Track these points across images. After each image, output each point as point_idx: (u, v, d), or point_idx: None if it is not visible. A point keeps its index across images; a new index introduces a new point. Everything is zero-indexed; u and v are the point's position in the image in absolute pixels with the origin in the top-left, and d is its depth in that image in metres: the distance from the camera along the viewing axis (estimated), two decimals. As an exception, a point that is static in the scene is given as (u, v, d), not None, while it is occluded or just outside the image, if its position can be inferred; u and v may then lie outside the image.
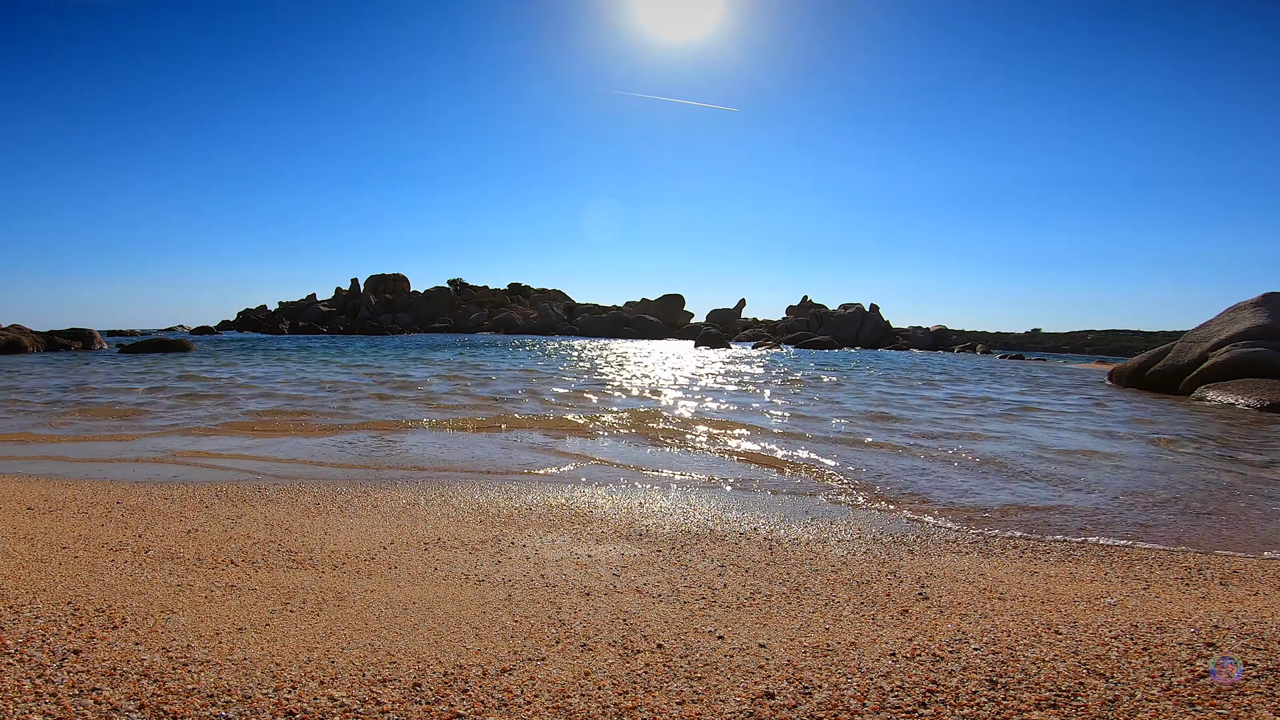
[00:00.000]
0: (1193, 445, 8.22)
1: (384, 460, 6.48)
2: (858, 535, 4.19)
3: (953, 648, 2.26)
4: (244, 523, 4.11)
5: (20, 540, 3.53)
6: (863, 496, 5.33)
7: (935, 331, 57.50)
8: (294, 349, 31.25)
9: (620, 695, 1.96)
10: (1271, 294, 15.33)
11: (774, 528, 4.27)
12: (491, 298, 78.80)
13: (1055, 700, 1.87)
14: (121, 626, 2.36)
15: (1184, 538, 4.34)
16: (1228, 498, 5.54)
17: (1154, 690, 1.91)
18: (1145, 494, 5.61)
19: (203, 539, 3.71)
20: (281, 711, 1.82)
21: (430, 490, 5.16)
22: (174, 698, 1.87)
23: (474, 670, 2.11)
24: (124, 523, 4.02)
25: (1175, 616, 2.59)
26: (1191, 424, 10.17)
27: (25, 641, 2.18)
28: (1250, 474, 6.50)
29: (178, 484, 5.25)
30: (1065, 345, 59.83)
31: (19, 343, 23.78)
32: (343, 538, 3.83)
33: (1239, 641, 2.23)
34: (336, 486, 5.26)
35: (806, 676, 2.07)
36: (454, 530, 4.05)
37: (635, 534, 4.04)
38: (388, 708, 1.86)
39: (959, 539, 4.19)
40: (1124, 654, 2.16)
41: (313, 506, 4.60)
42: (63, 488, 5.00)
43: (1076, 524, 4.63)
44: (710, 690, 1.99)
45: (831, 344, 50.93)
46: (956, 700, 1.89)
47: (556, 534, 4.02)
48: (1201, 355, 15.15)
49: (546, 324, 67.76)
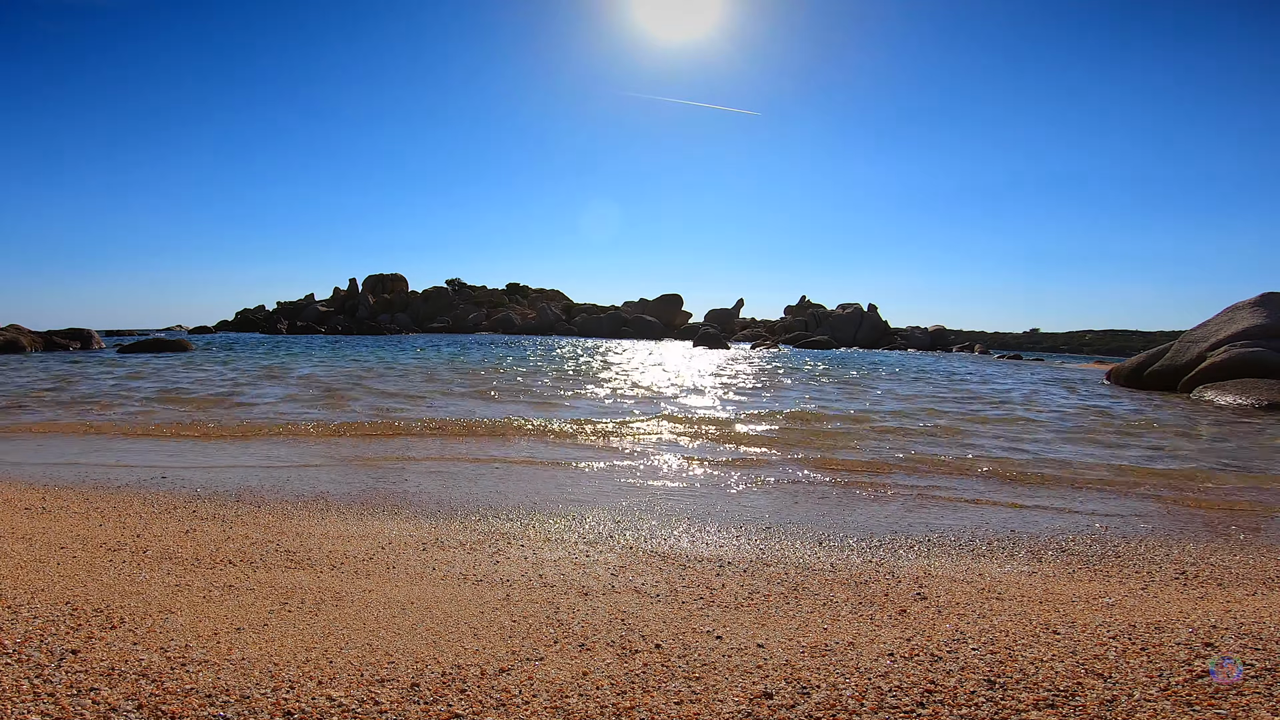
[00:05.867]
0: (1190, 445, 8.23)
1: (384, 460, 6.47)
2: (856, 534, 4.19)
3: (951, 648, 2.26)
4: (242, 523, 4.11)
5: (18, 540, 3.52)
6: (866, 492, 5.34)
7: (933, 331, 57.51)
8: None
9: (618, 695, 1.96)
10: (1270, 294, 15.35)
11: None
12: (490, 298, 78.73)
13: (1053, 700, 1.88)
14: (120, 626, 2.36)
15: (1183, 537, 4.34)
16: (1226, 497, 5.55)
17: (1152, 690, 1.92)
18: (1142, 493, 5.62)
19: (201, 539, 3.71)
20: (280, 711, 1.82)
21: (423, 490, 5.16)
22: (172, 698, 1.87)
23: (472, 670, 2.11)
24: (122, 522, 4.02)
25: (1173, 616, 2.59)
26: (1189, 423, 10.18)
27: (23, 641, 2.18)
28: (1248, 474, 6.51)
29: (175, 484, 5.24)
30: (1064, 345, 59.91)
31: (17, 342, 23.74)
32: (341, 538, 3.83)
33: (1237, 641, 2.23)
34: (336, 486, 5.26)
35: (804, 676, 2.07)
36: (452, 530, 4.05)
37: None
38: (386, 708, 1.86)
39: (957, 538, 4.19)
40: (1122, 654, 2.16)
41: (311, 506, 4.59)
42: (61, 487, 4.99)
43: (1074, 523, 4.63)
44: (708, 690, 1.99)
45: (829, 344, 50.97)
46: (955, 700, 1.89)
47: (555, 537, 4.02)
48: (1200, 355, 15.17)
49: (545, 324, 67.74)
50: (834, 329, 57.42)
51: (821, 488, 5.61)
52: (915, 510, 4.93)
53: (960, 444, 8.00)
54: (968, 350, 48.91)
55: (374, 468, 6.12)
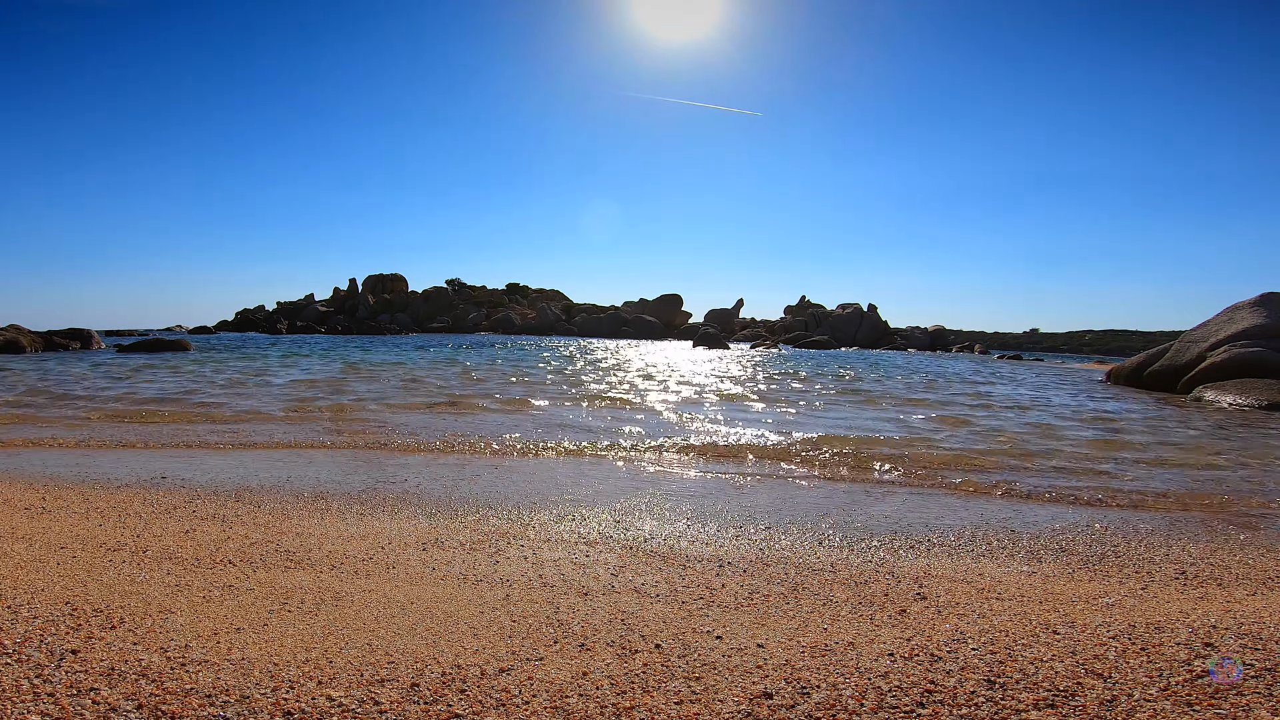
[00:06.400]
0: (1189, 444, 8.23)
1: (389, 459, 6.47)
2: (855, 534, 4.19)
3: (951, 648, 2.26)
4: (241, 523, 4.11)
5: (18, 540, 3.52)
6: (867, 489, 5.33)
7: (933, 331, 57.54)
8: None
9: (618, 695, 1.96)
10: (1269, 294, 15.35)
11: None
12: (489, 298, 78.73)
13: (1053, 700, 1.88)
14: (119, 626, 2.36)
15: (1182, 537, 4.34)
16: (1225, 497, 5.55)
17: (1152, 690, 1.92)
18: (1140, 493, 5.62)
19: (200, 539, 3.71)
20: (280, 711, 1.82)
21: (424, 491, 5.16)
22: (172, 698, 1.87)
23: (472, 670, 2.11)
24: (122, 523, 4.02)
25: (1173, 616, 2.59)
26: (1188, 423, 10.19)
27: (23, 641, 2.18)
28: (1247, 474, 6.51)
29: (174, 484, 5.24)
30: (1063, 345, 59.91)
31: (17, 343, 23.73)
32: (341, 538, 3.83)
33: (1237, 641, 2.23)
34: (336, 486, 5.26)
35: (804, 676, 2.07)
36: (452, 529, 4.05)
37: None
38: (386, 708, 1.86)
39: (957, 538, 4.19)
40: (1122, 654, 2.16)
41: (311, 506, 4.59)
42: (61, 487, 4.99)
43: (1073, 523, 4.63)
44: (708, 690, 1.99)
45: (829, 344, 50.99)
46: (954, 700, 1.89)
47: (554, 537, 4.02)
48: (1199, 355, 15.18)
49: (544, 324, 67.75)
50: (834, 329, 57.44)
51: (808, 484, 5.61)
52: (915, 510, 4.93)
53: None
54: (967, 350, 48.92)
55: (374, 468, 6.12)
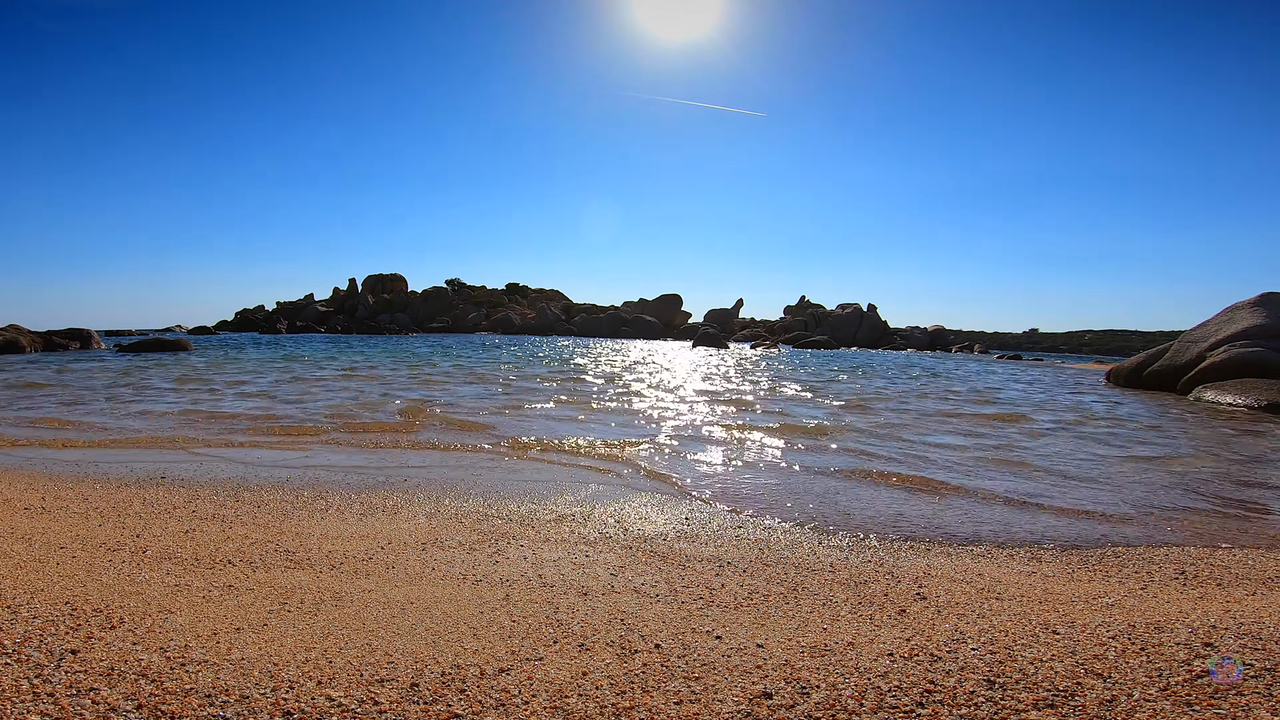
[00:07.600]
0: (1188, 444, 8.23)
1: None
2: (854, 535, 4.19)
3: (950, 648, 2.26)
4: (241, 523, 4.10)
5: (18, 540, 3.52)
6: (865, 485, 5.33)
7: (933, 331, 57.56)
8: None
9: (618, 695, 1.96)
10: (1269, 294, 15.36)
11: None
12: (489, 298, 78.73)
13: (1053, 700, 1.88)
14: (119, 626, 2.36)
15: (1181, 537, 4.34)
16: (1225, 497, 5.55)
17: (1152, 690, 1.92)
18: (1140, 493, 5.62)
19: (200, 539, 3.71)
20: (279, 711, 1.82)
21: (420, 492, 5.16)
22: (172, 698, 1.87)
23: (471, 670, 2.11)
24: (122, 523, 4.02)
25: (1173, 616, 2.59)
26: (1188, 423, 10.19)
27: (23, 641, 2.17)
28: (1247, 474, 6.51)
29: (174, 483, 5.24)
30: (1063, 345, 59.95)
31: (16, 343, 23.73)
32: (340, 537, 3.83)
33: (1237, 642, 2.23)
34: (336, 486, 5.25)
35: (804, 676, 2.07)
36: (452, 529, 4.05)
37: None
38: (385, 708, 1.86)
39: (956, 538, 4.19)
40: (1122, 654, 2.16)
41: (310, 506, 4.59)
42: (61, 487, 4.99)
43: (1072, 523, 4.63)
44: (708, 690, 1.99)
45: (829, 344, 51.00)
46: (954, 700, 1.89)
47: (554, 537, 4.02)
48: (1199, 355, 15.18)
49: (544, 324, 67.74)
50: (833, 329, 57.44)
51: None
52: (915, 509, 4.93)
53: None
54: (967, 350, 48.93)
55: (374, 468, 6.12)
